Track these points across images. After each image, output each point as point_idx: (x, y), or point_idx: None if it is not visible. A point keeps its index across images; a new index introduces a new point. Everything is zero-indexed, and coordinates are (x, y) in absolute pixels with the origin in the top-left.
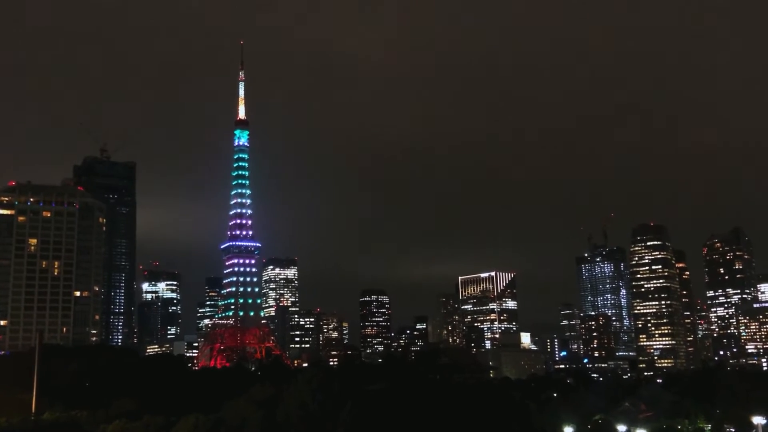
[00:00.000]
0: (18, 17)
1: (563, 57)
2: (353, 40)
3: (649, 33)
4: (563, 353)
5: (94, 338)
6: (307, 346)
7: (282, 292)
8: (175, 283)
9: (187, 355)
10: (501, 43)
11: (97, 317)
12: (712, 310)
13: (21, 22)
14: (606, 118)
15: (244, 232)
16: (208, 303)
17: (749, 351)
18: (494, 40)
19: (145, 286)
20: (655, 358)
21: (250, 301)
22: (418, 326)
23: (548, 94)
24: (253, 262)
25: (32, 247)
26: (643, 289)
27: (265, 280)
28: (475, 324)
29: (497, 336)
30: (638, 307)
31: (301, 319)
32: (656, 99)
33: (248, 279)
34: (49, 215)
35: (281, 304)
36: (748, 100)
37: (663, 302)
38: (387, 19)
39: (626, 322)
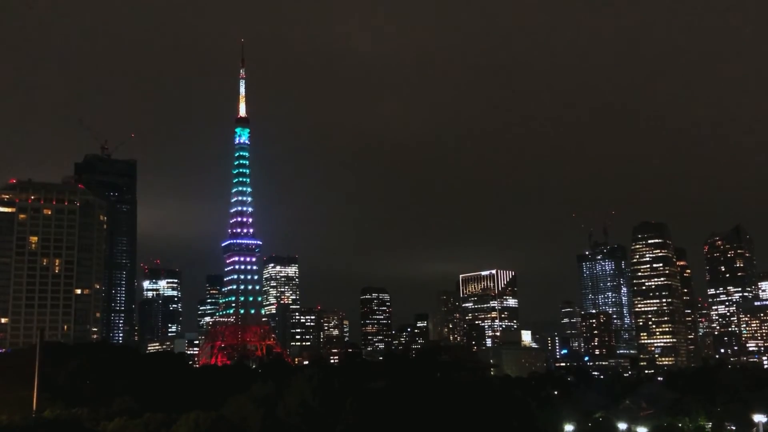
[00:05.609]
0: (20, 15)
1: (564, 55)
2: (354, 38)
3: (650, 32)
4: (564, 351)
5: (94, 336)
6: (308, 343)
7: (283, 289)
8: (175, 280)
9: (188, 352)
10: (501, 41)
11: (97, 315)
12: (713, 308)
13: (22, 21)
14: (607, 118)
15: (244, 230)
16: (208, 301)
17: (750, 349)
18: (495, 37)
19: (146, 284)
20: (656, 355)
21: (251, 298)
22: (419, 324)
23: (548, 94)
24: (253, 259)
25: (33, 245)
26: (644, 287)
27: (266, 278)
28: (476, 322)
29: (498, 334)
30: (639, 305)
31: (302, 317)
32: (658, 98)
33: (249, 277)
34: (49, 213)
35: (282, 301)
36: (749, 98)
37: (664, 300)
38: (387, 16)
39: (627, 320)
